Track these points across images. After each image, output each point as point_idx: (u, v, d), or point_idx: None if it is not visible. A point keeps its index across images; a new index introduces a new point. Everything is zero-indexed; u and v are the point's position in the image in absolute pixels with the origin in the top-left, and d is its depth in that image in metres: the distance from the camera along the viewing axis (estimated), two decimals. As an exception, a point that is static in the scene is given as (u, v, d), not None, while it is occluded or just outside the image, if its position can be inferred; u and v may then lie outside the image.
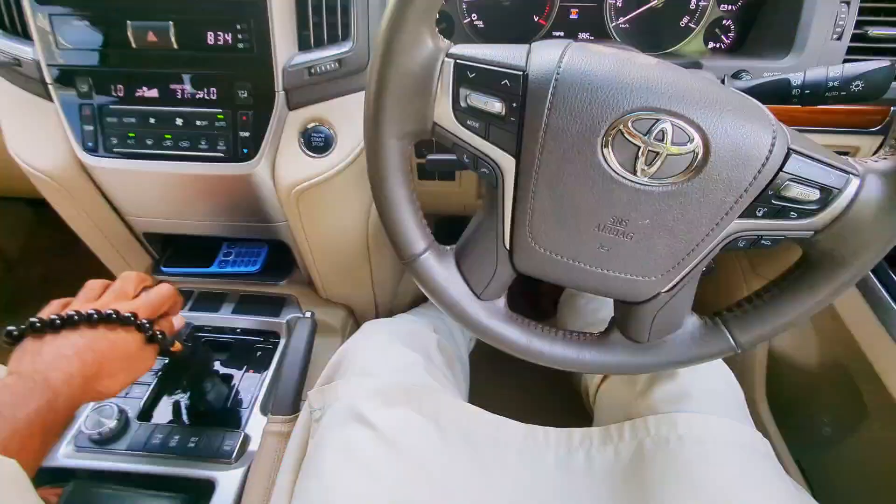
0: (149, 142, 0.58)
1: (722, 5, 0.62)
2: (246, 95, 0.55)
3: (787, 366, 0.84)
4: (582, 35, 0.65)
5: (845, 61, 0.54)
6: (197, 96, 0.56)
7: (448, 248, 0.41)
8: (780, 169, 0.32)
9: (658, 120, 0.31)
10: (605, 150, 0.32)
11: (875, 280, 0.62)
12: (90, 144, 0.58)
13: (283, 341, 0.72)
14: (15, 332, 0.39)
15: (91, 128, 0.58)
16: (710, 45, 0.64)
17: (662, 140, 0.31)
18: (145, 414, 0.61)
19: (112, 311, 0.41)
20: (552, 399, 0.88)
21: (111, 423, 0.57)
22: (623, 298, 0.40)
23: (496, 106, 0.33)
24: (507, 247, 0.38)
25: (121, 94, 0.57)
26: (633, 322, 0.41)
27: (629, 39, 0.65)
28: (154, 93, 0.56)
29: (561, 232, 0.36)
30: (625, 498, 0.43)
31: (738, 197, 0.33)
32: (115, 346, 0.40)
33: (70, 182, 0.62)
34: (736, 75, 0.55)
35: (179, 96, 0.56)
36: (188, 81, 0.56)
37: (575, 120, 0.32)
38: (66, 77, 0.56)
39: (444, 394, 0.50)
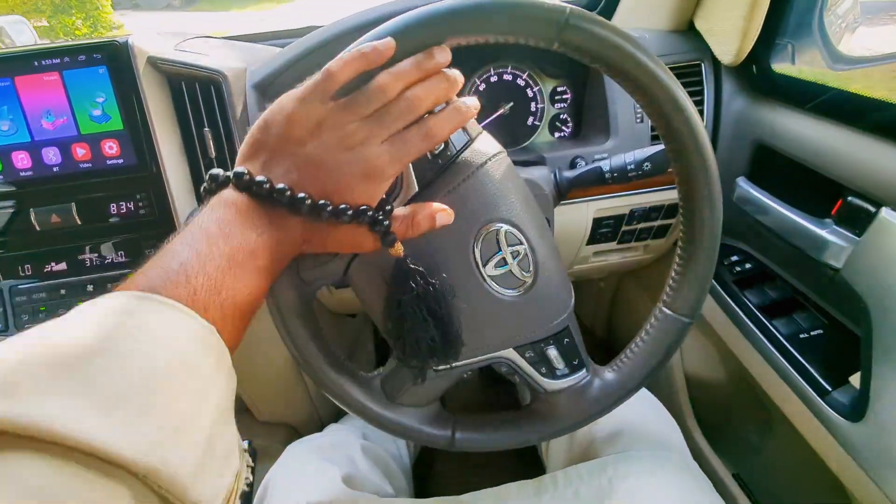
0: (61, 312, 0.60)
1: (556, 104, 0.75)
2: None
3: (704, 385, 0.91)
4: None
5: (653, 138, 0.68)
6: (106, 261, 0.60)
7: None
8: None
9: None
10: None
11: (725, 294, 0.71)
12: (0, 326, 0.59)
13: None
14: (221, 178, 0.32)
15: (0, 310, 0.60)
16: (556, 135, 0.77)
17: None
18: None
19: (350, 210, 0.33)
20: (524, 461, 0.89)
21: None
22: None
23: None
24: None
25: (29, 273, 0.59)
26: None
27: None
28: (63, 266, 0.60)
29: None
30: None
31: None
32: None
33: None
34: (572, 163, 0.67)
35: (89, 265, 0.60)
36: (95, 251, 0.60)
37: None
38: (-28, 267, 0.58)
39: (366, 501, 0.50)
